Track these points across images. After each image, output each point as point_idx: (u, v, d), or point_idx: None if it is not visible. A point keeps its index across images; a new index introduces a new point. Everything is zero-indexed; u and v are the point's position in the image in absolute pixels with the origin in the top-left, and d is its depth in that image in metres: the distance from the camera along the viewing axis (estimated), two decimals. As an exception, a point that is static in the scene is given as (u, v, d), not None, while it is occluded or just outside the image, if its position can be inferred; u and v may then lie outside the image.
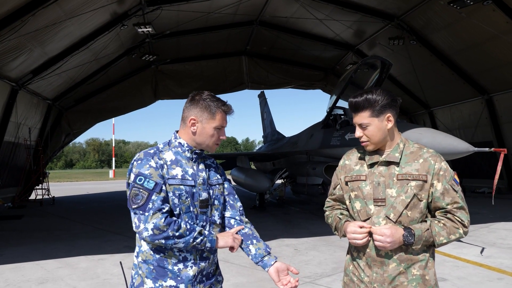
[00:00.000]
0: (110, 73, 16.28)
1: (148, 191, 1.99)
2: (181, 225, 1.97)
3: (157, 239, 1.95)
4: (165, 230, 1.93)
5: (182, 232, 1.96)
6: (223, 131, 2.22)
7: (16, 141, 14.31)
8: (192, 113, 2.16)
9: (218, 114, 2.15)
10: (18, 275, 6.02)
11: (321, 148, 10.73)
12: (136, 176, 2.03)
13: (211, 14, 13.60)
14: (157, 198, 1.98)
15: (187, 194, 2.07)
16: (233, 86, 19.82)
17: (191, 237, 1.97)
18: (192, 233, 1.98)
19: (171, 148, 2.17)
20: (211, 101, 2.16)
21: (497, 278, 5.43)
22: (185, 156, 2.16)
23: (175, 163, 2.11)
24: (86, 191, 23.82)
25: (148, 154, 2.09)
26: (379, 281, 2.04)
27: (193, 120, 2.15)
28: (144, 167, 2.04)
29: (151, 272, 2.04)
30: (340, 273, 5.74)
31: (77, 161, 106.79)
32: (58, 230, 9.97)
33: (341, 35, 16.68)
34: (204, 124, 2.14)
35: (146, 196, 1.98)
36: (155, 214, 1.95)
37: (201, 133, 2.15)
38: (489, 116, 15.68)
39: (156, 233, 1.93)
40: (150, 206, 1.96)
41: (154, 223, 1.93)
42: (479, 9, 11.76)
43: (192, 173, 2.13)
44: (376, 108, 2.07)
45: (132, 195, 2.01)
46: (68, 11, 10.32)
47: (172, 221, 1.96)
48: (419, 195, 2.03)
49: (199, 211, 2.11)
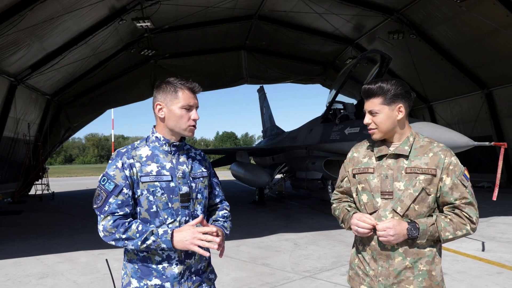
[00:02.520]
0: (108, 68, 16.24)
1: (107, 192, 1.98)
2: (131, 227, 1.93)
3: (107, 240, 1.96)
4: (113, 232, 1.93)
5: (130, 235, 1.92)
6: (194, 111, 2.10)
7: (15, 136, 14.28)
8: (157, 99, 2.10)
9: (180, 92, 2.06)
10: (18, 270, 6.03)
11: (321, 142, 10.72)
12: (102, 176, 2.04)
13: (210, 8, 13.54)
14: (114, 201, 1.97)
15: (163, 190, 2.02)
16: (232, 81, 19.79)
17: (139, 240, 1.92)
18: (142, 235, 1.92)
19: (149, 143, 2.13)
20: (174, 82, 2.09)
21: (496, 272, 5.45)
22: (162, 150, 2.11)
23: (150, 159, 2.06)
24: (86, 186, 23.80)
25: (119, 154, 2.06)
26: (384, 275, 2.02)
27: (159, 105, 2.09)
28: (111, 167, 2.03)
29: (136, 272, 2.02)
30: (340, 267, 5.76)
31: (76, 156, 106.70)
32: (58, 225, 9.98)
33: (341, 29, 16.62)
34: (170, 106, 2.06)
35: (104, 198, 1.98)
36: (106, 217, 1.95)
37: (169, 117, 2.07)
38: (489, 110, 15.65)
39: (106, 235, 1.95)
40: (106, 209, 1.97)
41: (103, 225, 1.95)
42: (479, 3, 11.73)
43: (170, 167, 2.07)
44: (388, 96, 2.05)
45: (96, 194, 2.03)
46: (66, 6, 10.28)
47: (120, 224, 1.93)
48: (427, 189, 2.00)
49: (180, 206, 2.06)
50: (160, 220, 2.03)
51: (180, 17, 13.80)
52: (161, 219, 2.03)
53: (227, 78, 19.55)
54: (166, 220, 2.03)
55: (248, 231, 8.57)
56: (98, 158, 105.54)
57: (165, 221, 2.03)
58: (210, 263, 2.24)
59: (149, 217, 2.03)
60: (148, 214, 2.02)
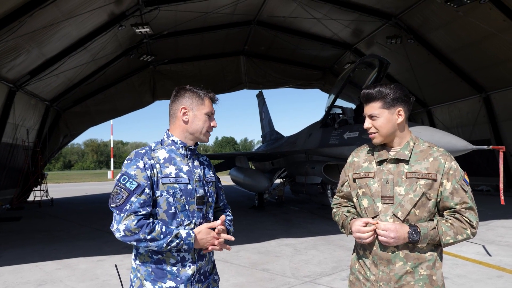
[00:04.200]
0: (108, 74, 16.27)
1: (128, 191, 1.97)
2: (155, 228, 1.94)
3: (128, 240, 1.94)
4: (136, 232, 1.92)
5: (155, 236, 1.93)
6: (213, 119, 2.22)
7: (14, 142, 14.27)
8: (181, 103, 2.16)
9: (206, 100, 2.18)
10: (17, 277, 5.99)
11: (320, 147, 10.73)
12: (121, 175, 2.03)
13: (209, 14, 13.60)
14: (136, 200, 1.96)
15: (182, 192, 2.06)
16: (231, 86, 19.84)
17: (164, 241, 1.94)
18: (167, 237, 1.94)
19: (164, 146, 2.16)
20: (197, 90, 2.19)
21: (496, 276, 5.44)
22: (179, 154, 2.15)
23: (168, 161, 2.10)
24: (85, 192, 23.77)
25: (138, 154, 2.08)
26: (385, 280, 2.02)
27: (184, 109, 2.15)
28: (131, 167, 2.03)
29: (149, 274, 2.02)
30: (340, 272, 5.74)
31: (75, 162, 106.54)
32: (57, 232, 9.95)
33: (339, 34, 16.70)
34: (195, 111, 2.15)
35: (126, 197, 1.97)
36: (129, 216, 1.93)
37: (193, 121, 2.15)
38: (487, 114, 15.71)
39: (128, 235, 1.92)
40: (127, 207, 1.95)
41: (126, 224, 1.92)
42: (476, 8, 11.79)
43: (188, 170, 2.12)
44: (387, 100, 2.06)
45: (114, 193, 2.00)
46: (65, 12, 10.31)
47: (144, 224, 1.93)
48: (428, 194, 2.00)
49: (196, 208, 2.10)
50: (177, 222, 2.05)
51: (179, 23, 13.86)
52: (178, 220, 2.05)
53: (226, 83, 19.61)
54: (183, 222, 2.06)
55: (248, 236, 8.55)
56: (97, 164, 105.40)
57: (182, 223, 2.06)
58: (215, 265, 2.28)
59: (167, 218, 2.04)
60: (166, 216, 2.04)
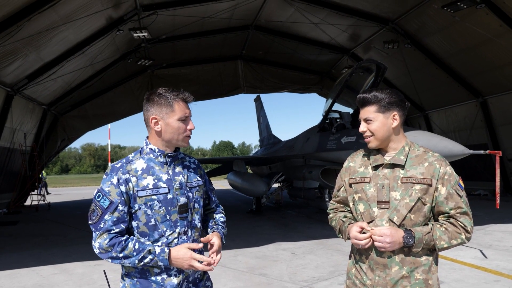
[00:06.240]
0: (105, 78, 16.25)
1: (102, 209, 1.97)
2: (128, 246, 1.93)
3: (104, 258, 1.96)
4: (109, 250, 1.93)
5: (127, 253, 1.92)
6: (189, 121, 2.10)
7: (12, 146, 14.23)
8: (151, 112, 2.07)
9: (176, 105, 2.05)
10: (13, 282, 5.97)
11: (318, 151, 10.75)
12: (97, 192, 2.03)
13: (206, 18, 13.64)
14: (109, 218, 1.95)
15: (161, 203, 2.01)
16: (229, 90, 19.86)
17: (136, 258, 1.92)
18: (139, 253, 1.92)
19: (143, 155, 2.09)
20: (166, 94, 2.06)
21: (493, 280, 5.45)
22: (158, 162, 2.08)
23: (146, 172, 2.03)
24: (82, 196, 23.68)
25: (113, 169, 2.04)
26: (381, 285, 2.03)
27: (154, 119, 2.06)
28: (106, 183, 2.01)
29: (135, 285, 2.01)
30: (338, 277, 5.74)
31: (72, 166, 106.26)
32: (54, 236, 9.91)
33: (336, 39, 16.76)
34: (166, 119, 2.04)
35: (100, 215, 1.97)
36: (102, 234, 1.94)
37: (166, 130, 2.05)
38: (484, 118, 15.77)
39: (102, 252, 1.95)
40: (101, 226, 1.95)
41: (99, 243, 1.94)
42: (473, 13, 11.86)
43: (167, 179, 2.05)
44: (382, 104, 2.08)
45: (91, 210, 2.02)
46: (63, 16, 10.32)
47: (116, 242, 1.92)
48: (423, 199, 2.02)
49: (179, 217, 2.05)
50: (159, 233, 2.02)
51: (177, 27, 13.89)
52: (160, 231, 2.02)
53: (223, 88, 19.62)
54: (165, 232, 2.02)
55: (245, 241, 8.54)
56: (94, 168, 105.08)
57: (164, 234, 2.02)
58: (206, 271, 2.23)
59: (147, 231, 2.01)
60: (146, 228, 2.01)
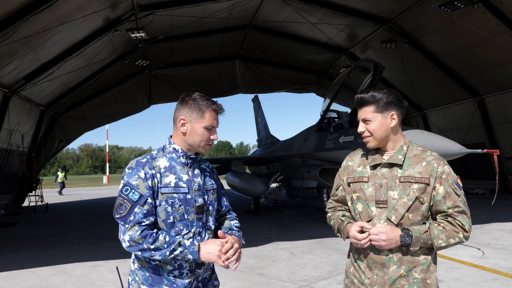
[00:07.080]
0: (103, 78, 16.23)
1: (131, 202, 1.98)
2: (159, 238, 1.95)
3: (133, 250, 1.97)
4: (140, 242, 1.93)
5: (159, 245, 1.94)
6: (214, 132, 2.17)
7: (9, 147, 14.19)
8: (181, 113, 2.13)
9: (207, 113, 2.11)
10: (12, 283, 5.95)
11: (316, 151, 10.76)
12: (124, 186, 2.03)
13: (204, 18, 13.64)
14: (139, 211, 1.97)
15: (181, 202, 2.06)
16: (227, 90, 19.86)
17: (167, 250, 1.94)
18: (170, 246, 1.94)
19: (166, 154, 2.15)
20: (201, 101, 2.12)
21: (491, 279, 5.46)
22: (180, 162, 2.14)
23: (168, 170, 2.09)
24: (80, 197, 23.64)
25: (139, 164, 2.07)
26: (379, 283, 2.04)
27: (183, 120, 2.12)
28: (133, 177, 2.03)
29: (147, 279, 2.04)
30: (336, 276, 5.75)
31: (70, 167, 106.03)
32: (52, 237, 9.89)
33: (334, 38, 16.79)
34: (194, 124, 2.11)
35: (129, 208, 1.98)
36: (133, 227, 1.95)
37: (191, 133, 2.11)
38: (481, 117, 15.81)
39: (132, 245, 1.95)
40: (131, 218, 1.97)
41: (130, 235, 1.94)
42: (470, 12, 11.90)
43: (187, 179, 2.11)
44: (380, 104, 2.09)
45: (117, 204, 2.02)
46: (60, 17, 10.30)
47: (148, 234, 1.94)
48: (421, 198, 2.02)
49: (195, 217, 2.09)
50: (176, 231, 2.05)
51: (174, 28, 13.89)
52: (177, 230, 2.05)
53: (221, 88, 19.62)
54: (182, 231, 2.06)
55: (244, 240, 8.53)
56: (92, 169, 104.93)
57: (180, 232, 2.06)
58: (214, 271, 2.28)
59: (165, 227, 2.05)
60: (164, 225, 2.05)
